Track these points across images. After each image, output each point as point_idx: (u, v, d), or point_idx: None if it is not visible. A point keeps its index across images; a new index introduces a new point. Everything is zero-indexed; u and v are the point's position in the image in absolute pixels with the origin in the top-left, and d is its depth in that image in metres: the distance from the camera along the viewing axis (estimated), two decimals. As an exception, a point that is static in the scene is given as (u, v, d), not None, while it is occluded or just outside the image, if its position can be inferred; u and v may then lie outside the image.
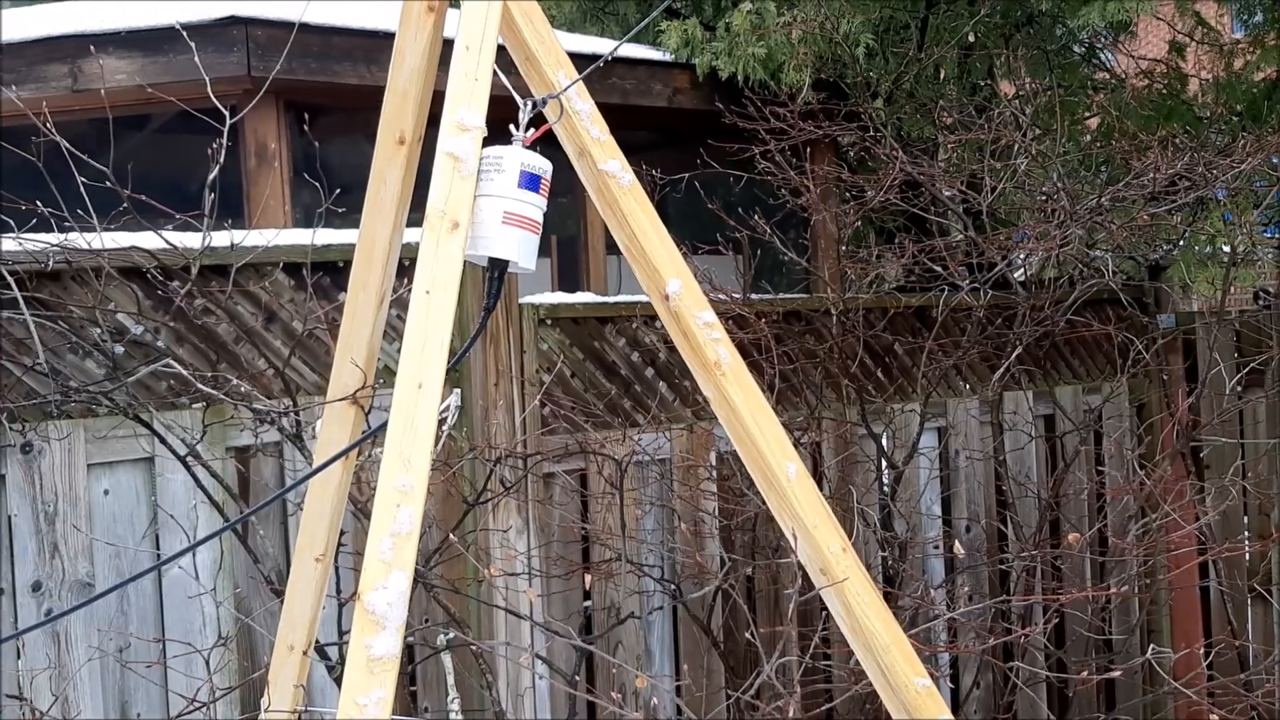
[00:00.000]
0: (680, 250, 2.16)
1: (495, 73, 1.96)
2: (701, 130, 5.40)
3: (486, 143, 1.94)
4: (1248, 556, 5.53)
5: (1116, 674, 3.44)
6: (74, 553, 3.36)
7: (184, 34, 3.64)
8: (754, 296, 4.33)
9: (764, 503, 4.16)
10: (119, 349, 3.37)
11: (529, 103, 1.96)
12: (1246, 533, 5.62)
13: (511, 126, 1.97)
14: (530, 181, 1.92)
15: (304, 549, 2.47)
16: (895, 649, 1.97)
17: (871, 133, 4.25)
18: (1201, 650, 5.04)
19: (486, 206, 1.91)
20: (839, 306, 4.03)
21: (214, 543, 3.59)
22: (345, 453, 2.17)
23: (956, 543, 4.09)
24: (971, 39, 5.77)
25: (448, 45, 2.18)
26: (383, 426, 2.49)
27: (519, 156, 1.92)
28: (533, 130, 1.97)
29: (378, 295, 2.32)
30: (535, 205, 1.93)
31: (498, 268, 1.95)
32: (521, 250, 1.93)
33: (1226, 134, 5.53)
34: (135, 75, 4.60)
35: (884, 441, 4.56)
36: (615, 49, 2.78)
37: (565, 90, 1.94)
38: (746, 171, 4.64)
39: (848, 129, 4.32)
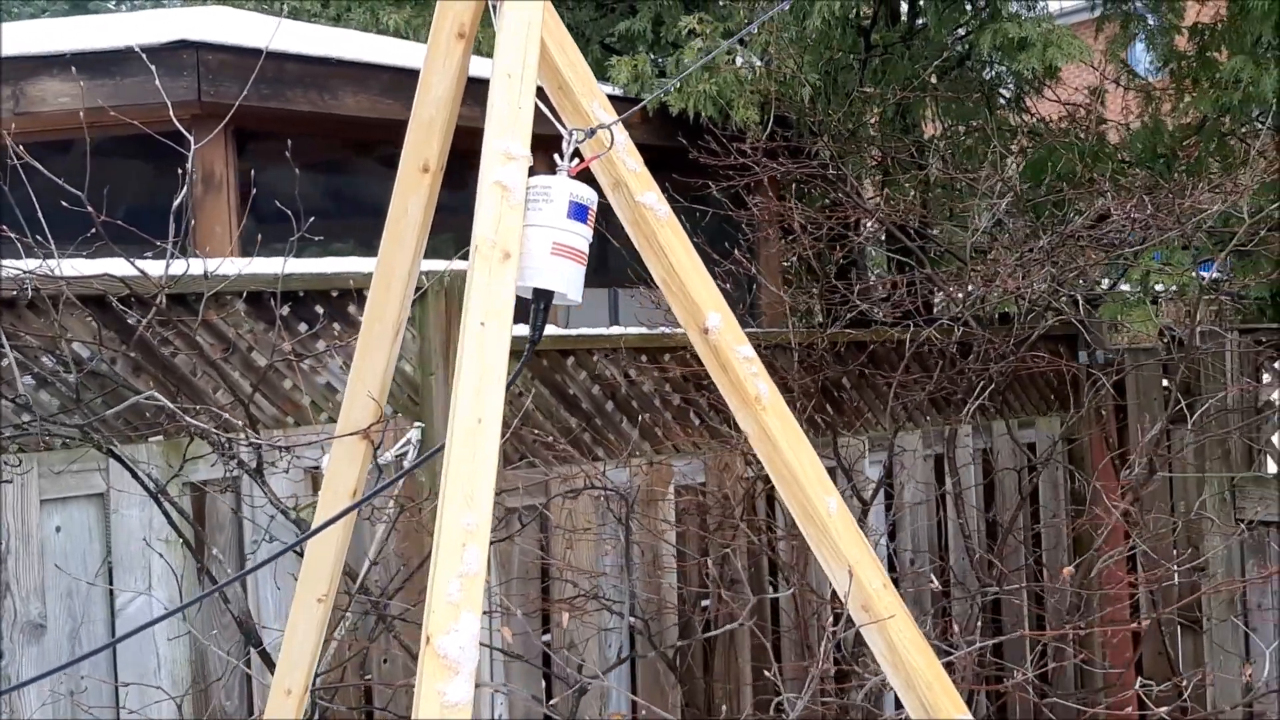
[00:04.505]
0: (625, 285, 2.14)
1: (536, 105, 1.93)
2: (651, 164, 5.39)
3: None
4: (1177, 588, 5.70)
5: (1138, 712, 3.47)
6: (26, 593, 3.22)
7: (144, 56, 3.53)
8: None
9: (734, 536, 4.18)
10: (71, 378, 3.23)
11: (574, 133, 1.93)
12: (1176, 565, 5.76)
13: (556, 156, 1.94)
14: (578, 212, 1.89)
15: (306, 589, 2.38)
16: (938, 685, 1.97)
17: (833, 171, 4.30)
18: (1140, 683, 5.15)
19: (534, 237, 1.86)
20: (808, 340, 4.05)
21: (171, 583, 3.46)
22: (368, 499, 2.10)
23: (936, 577, 4.11)
24: (916, 81, 5.89)
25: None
26: (400, 476, 2.43)
27: (567, 187, 1.88)
28: (577, 160, 1.94)
29: (394, 326, 2.25)
30: (583, 236, 1.90)
31: (543, 299, 1.90)
32: (569, 282, 1.88)
33: (1153, 177, 5.70)
34: (80, 98, 4.43)
35: (840, 475, 4.60)
36: (654, 97, 2.76)
37: (613, 124, 1.92)
38: (697, 205, 4.65)
39: (808, 165, 4.36)
